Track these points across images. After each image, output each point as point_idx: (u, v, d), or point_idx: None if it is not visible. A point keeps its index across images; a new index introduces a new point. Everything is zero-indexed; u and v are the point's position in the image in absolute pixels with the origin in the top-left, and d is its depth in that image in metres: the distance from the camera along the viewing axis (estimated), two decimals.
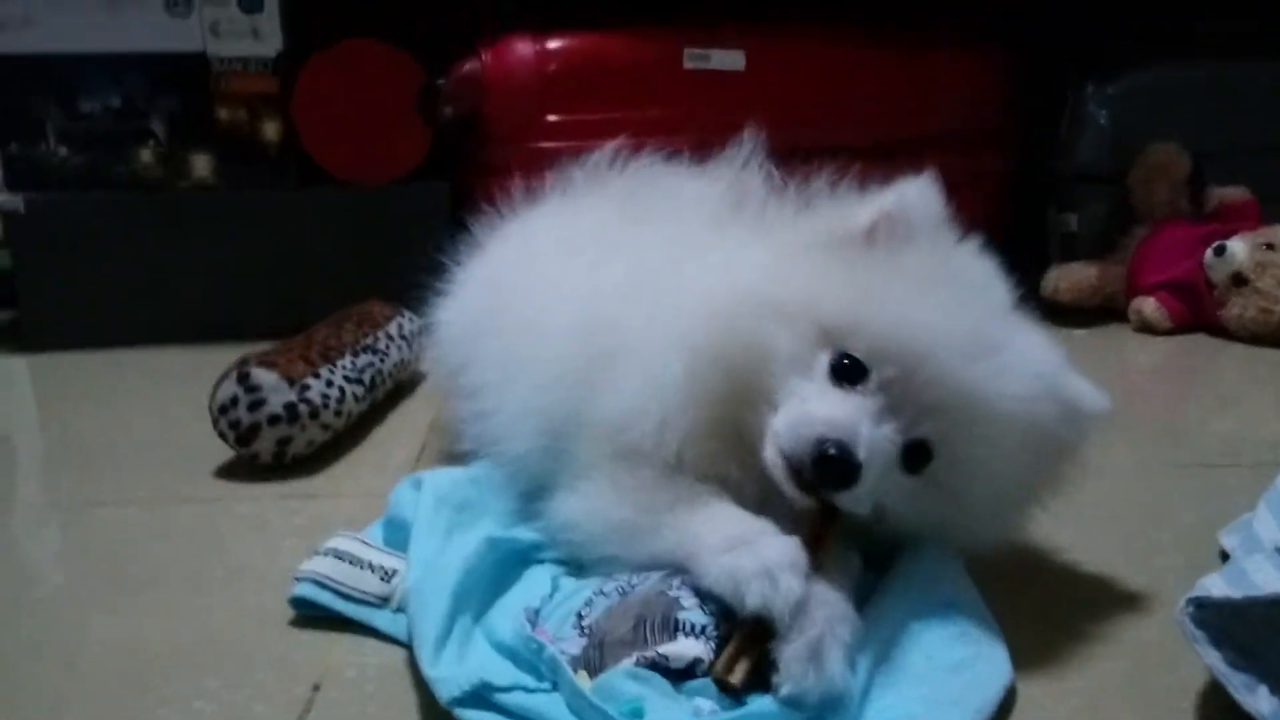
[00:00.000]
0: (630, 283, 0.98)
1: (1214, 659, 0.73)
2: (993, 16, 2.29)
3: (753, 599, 0.74)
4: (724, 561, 0.78)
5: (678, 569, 0.83)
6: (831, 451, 0.78)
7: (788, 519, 0.84)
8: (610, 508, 0.89)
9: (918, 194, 0.88)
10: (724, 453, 0.88)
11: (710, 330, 0.88)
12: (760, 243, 0.94)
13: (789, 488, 0.82)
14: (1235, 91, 2.21)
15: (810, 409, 0.82)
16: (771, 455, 0.83)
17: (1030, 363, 0.85)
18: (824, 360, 0.84)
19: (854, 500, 0.81)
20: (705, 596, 0.79)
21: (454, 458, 1.22)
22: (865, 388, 0.82)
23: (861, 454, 0.79)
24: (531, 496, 1.00)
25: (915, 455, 0.83)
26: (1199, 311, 2.02)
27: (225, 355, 1.38)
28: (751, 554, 0.77)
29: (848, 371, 0.83)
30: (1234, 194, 2.11)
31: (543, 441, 0.98)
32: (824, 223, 0.91)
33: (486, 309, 1.17)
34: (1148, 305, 2.04)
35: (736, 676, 0.74)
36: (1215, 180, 2.15)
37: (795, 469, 0.81)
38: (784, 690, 0.71)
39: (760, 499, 0.86)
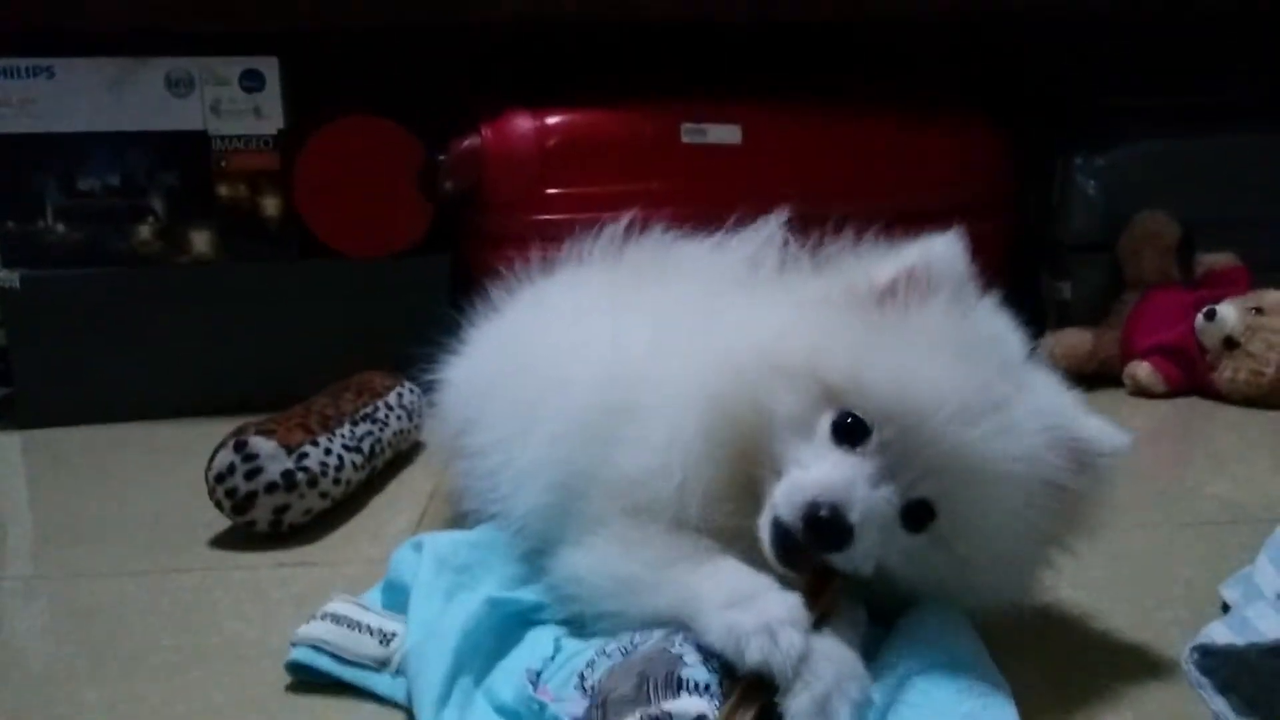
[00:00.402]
0: (651, 339, 0.98)
1: (1220, 705, 0.73)
2: (985, 89, 2.34)
3: (753, 655, 0.74)
4: (725, 618, 0.78)
5: (680, 626, 0.83)
6: (823, 514, 0.79)
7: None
8: (615, 562, 0.89)
9: (943, 250, 0.89)
10: (738, 510, 0.88)
11: (724, 388, 0.88)
12: (779, 300, 0.95)
13: (771, 557, 0.82)
14: (1222, 163, 2.26)
15: (806, 474, 0.82)
16: (763, 523, 0.83)
17: (1037, 416, 0.85)
18: (827, 420, 0.84)
19: (849, 561, 0.81)
20: (708, 653, 0.78)
21: (455, 523, 1.21)
22: (866, 448, 0.83)
23: (854, 516, 0.79)
24: (534, 557, 0.99)
25: (917, 514, 0.83)
26: (1192, 375, 2.04)
27: (224, 429, 1.37)
28: (752, 610, 0.77)
29: (849, 431, 0.83)
30: (1223, 260, 2.14)
31: (552, 497, 0.97)
32: (844, 278, 0.92)
33: (499, 367, 1.17)
34: (1142, 369, 2.05)
35: None
36: (1203, 249, 2.19)
37: (783, 536, 0.81)
38: None
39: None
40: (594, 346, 1.02)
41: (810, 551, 0.81)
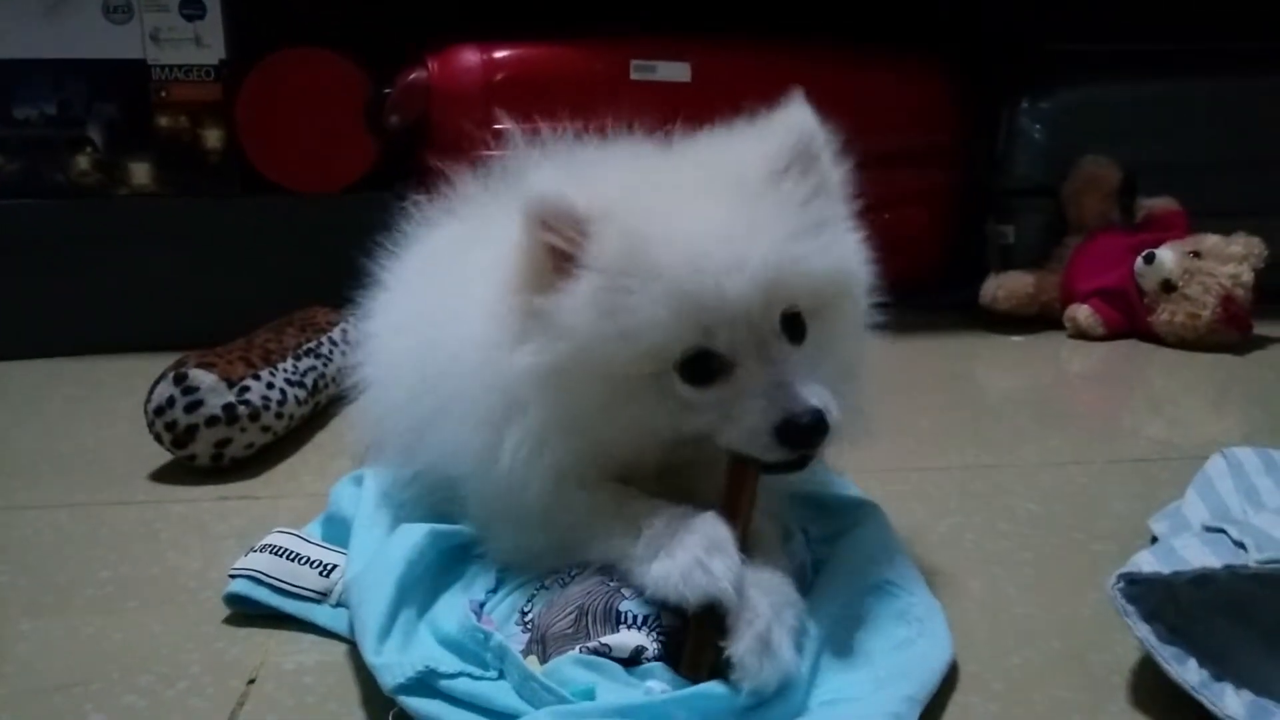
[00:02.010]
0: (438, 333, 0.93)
1: (1145, 632, 0.74)
2: (935, 34, 2.34)
3: (694, 594, 0.73)
4: (655, 571, 0.76)
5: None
6: (794, 432, 0.78)
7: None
8: (527, 536, 0.87)
9: (543, 186, 0.80)
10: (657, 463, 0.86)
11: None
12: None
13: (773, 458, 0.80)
14: (1165, 108, 2.29)
15: (744, 423, 0.79)
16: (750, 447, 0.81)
17: (741, 181, 0.82)
18: (674, 385, 0.80)
19: None
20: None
21: None
22: (724, 359, 0.79)
23: (814, 401, 0.78)
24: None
25: (794, 328, 0.82)
26: (1131, 318, 2.07)
27: (166, 364, 1.35)
28: (680, 550, 0.76)
29: (699, 369, 0.80)
30: (1162, 204, 2.17)
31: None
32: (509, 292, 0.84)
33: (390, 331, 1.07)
34: (1082, 312, 2.09)
35: (704, 670, 0.74)
36: (1145, 193, 2.22)
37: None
38: (745, 687, 0.71)
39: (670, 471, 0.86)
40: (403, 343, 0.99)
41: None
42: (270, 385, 1.37)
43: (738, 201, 0.81)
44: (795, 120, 0.86)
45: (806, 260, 0.81)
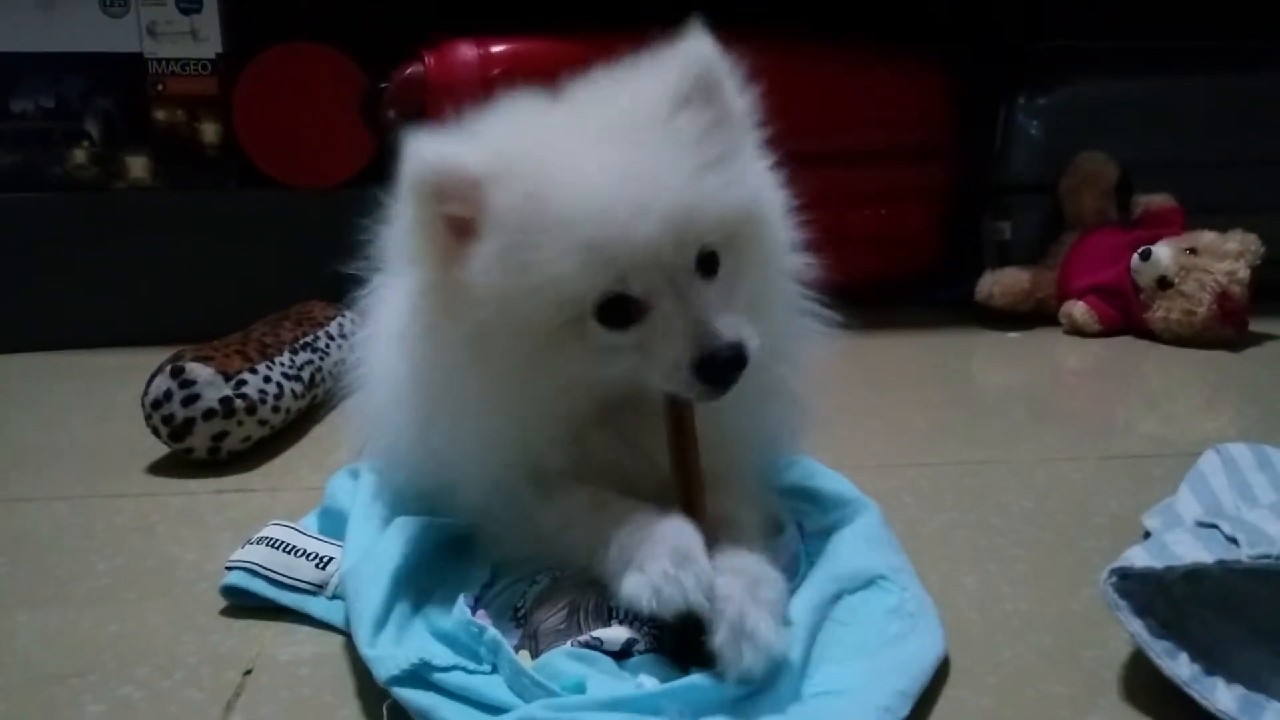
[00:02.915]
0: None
1: (1136, 627, 0.75)
2: (928, 30, 2.34)
3: (668, 609, 0.73)
4: (628, 587, 0.75)
5: None
6: (711, 365, 0.77)
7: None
8: (510, 547, 0.87)
9: (423, 165, 0.80)
10: (602, 433, 0.86)
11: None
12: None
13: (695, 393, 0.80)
14: (1162, 105, 2.29)
15: (663, 360, 0.79)
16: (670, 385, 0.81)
17: (638, 119, 0.80)
18: (593, 331, 0.80)
19: None
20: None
21: None
22: (639, 301, 0.79)
23: (730, 333, 0.78)
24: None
25: (708, 264, 0.81)
26: (1127, 314, 2.08)
27: (163, 357, 1.35)
28: (650, 562, 0.75)
29: (615, 313, 0.79)
30: (1159, 201, 2.18)
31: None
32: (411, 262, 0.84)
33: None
34: (1078, 309, 2.09)
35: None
36: (1141, 190, 2.22)
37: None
38: (729, 677, 0.71)
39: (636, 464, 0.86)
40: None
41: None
42: (267, 379, 1.37)
43: (637, 141, 0.79)
44: (693, 51, 0.84)
45: (713, 196, 0.79)
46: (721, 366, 0.78)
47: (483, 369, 0.81)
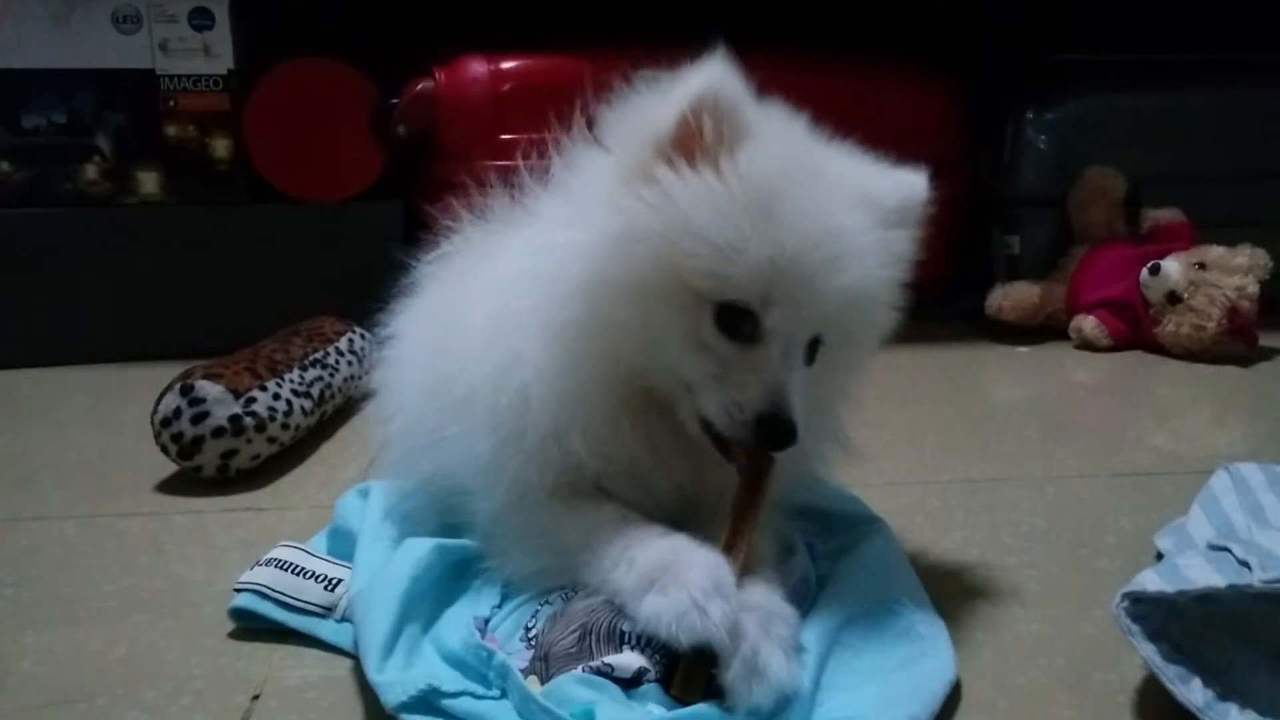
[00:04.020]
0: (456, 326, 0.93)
1: (1149, 651, 0.74)
2: (939, 45, 2.34)
3: (687, 636, 0.73)
4: (648, 605, 0.75)
5: None
6: (769, 427, 0.79)
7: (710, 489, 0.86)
8: (527, 559, 0.87)
9: (721, 74, 0.79)
10: (637, 428, 0.86)
11: (572, 318, 0.82)
12: (572, 206, 0.86)
13: (720, 457, 0.83)
14: (1171, 119, 2.28)
15: (732, 394, 0.80)
16: (697, 432, 0.83)
17: (868, 209, 0.84)
18: (707, 319, 0.81)
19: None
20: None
21: None
22: (759, 331, 0.81)
23: (794, 413, 0.80)
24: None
25: (812, 350, 0.84)
26: (1136, 329, 2.07)
27: (173, 373, 1.36)
28: (675, 588, 0.74)
29: (736, 320, 0.81)
30: (1168, 215, 2.17)
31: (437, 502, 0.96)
32: (625, 147, 0.83)
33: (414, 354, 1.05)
34: (1087, 323, 2.09)
35: (695, 696, 0.73)
36: (1150, 204, 2.22)
37: (722, 444, 0.82)
38: (739, 712, 0.71)
39: (677, 476, 0.87)
40: (417, 351, 0.99)
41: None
42: (276, 396, 1.37)
43: (862, 219, 0.83)
44: (917, 184, 0.90)
45: (870, 309, 0.85)
46: (778, 434, 0.80)
47: (596, 289, 0.81)
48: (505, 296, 0.87)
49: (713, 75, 0.79)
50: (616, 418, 0.85)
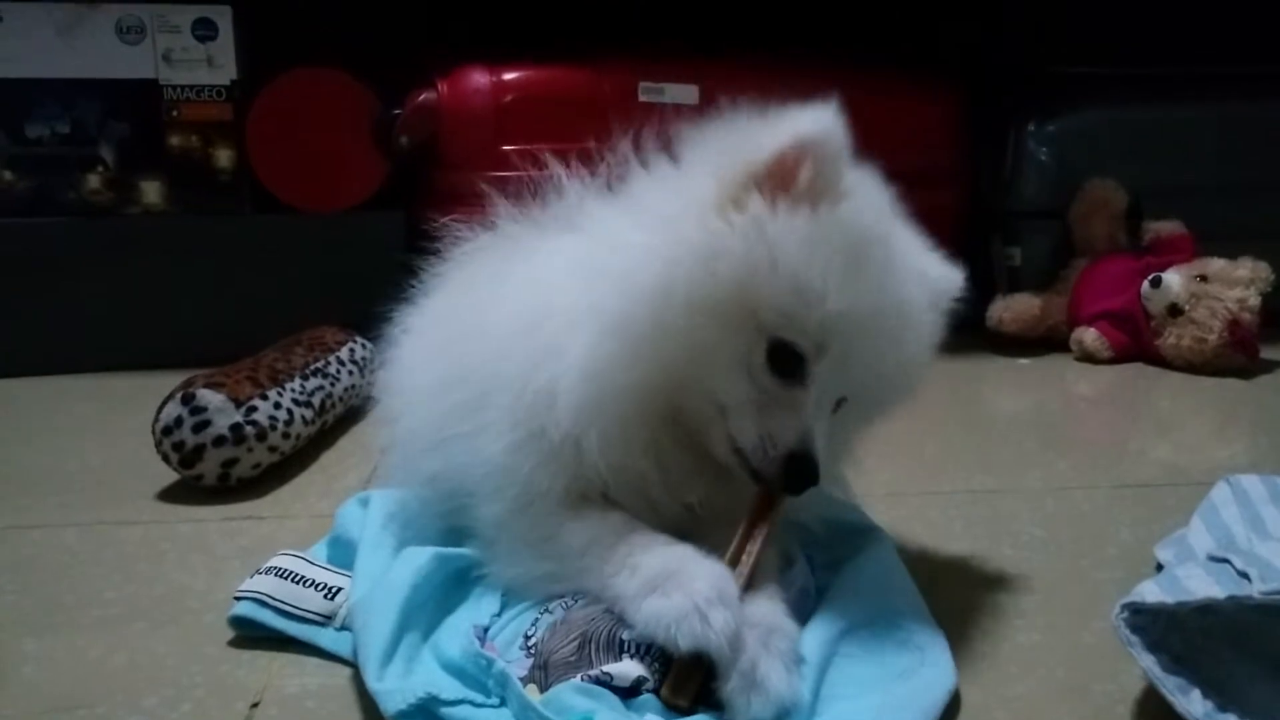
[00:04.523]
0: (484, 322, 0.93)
1: (1149, 662, 0.74)
2: (937, 55, 2.35)
3: (686, 641, 0.73)
4: (649, 607, 0.75)
5: None
6: (798, 465, 0.81)
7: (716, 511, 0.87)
8: (529, 564, 0.87)
9: (827, 123, 0.80)
10: (652, 444, 0.86)
11: (630, 319, 0.82)
12: (649, 210, 0.86)
13: (748, 478, 0.84)
14: (1172, 131, 2.29)
15: (768, 426, 0.82)
16: (728, 459, 0.84)
17: (922, 288, 0.88)
18: (760, 352, 0.82)
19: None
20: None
21: None
22: (805, 376, 0.82)
23: (820, 457, 0.82)
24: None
25: (838, 404, 0.87)
26: (1137, 341, 2.07)
27: (174, 382, 1.36)
28: (678, 592, 0.75)
29: (787, 361, 0.82)
30: (1169, 228, 2.17)
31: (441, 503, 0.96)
32: (713, 172, 0.83)
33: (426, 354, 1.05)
34: (1088, 335, 2.09)
35: (685, 699, 0.74)
36: (1152, 216, 2.22)
37: (753, 473, 0.83)
38: None
39: (666, 485, 0.87)
40: (435, 343, 1.00)
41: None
42: (278, 405, 1.37)
43: (919, 296, 0.87)
44: (956, 277, 0.93)
45: (904, 382, 0.90)
46: (802, 473, 0.82)
47: (662, 301, 0.81)
48: (549, 292, 0.88)
49: (823, 122, 0.80)
50: (633, 432, 0.85)
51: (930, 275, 0.89)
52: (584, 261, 0.88)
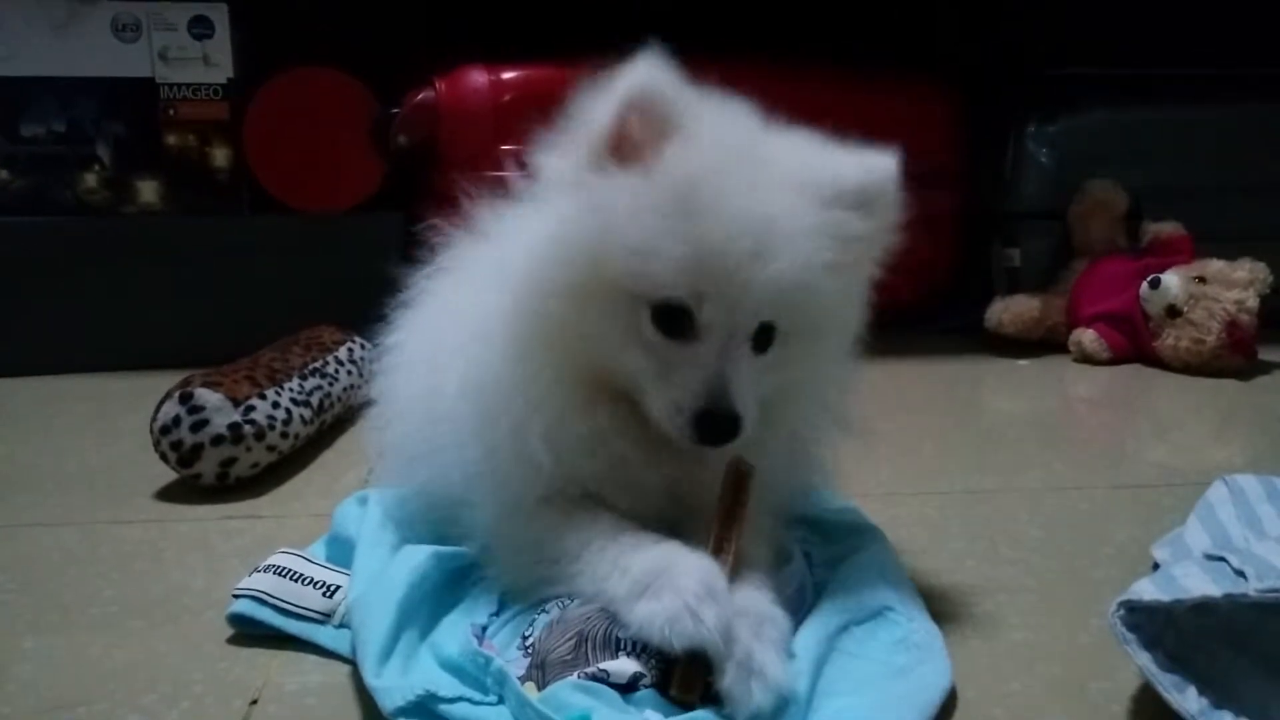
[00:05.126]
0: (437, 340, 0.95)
1: (1144, 660, 0.74)
2: (936, 57, 2.35)
3: (680, 641, 0.73)
4: (641, 610, 0.75)
5: None
6: (707, 422, 0.80)
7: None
8: (522, 569, 0.87)
9: (648, 74, 0.79)
10: (594, 427, 0.85)
11: (523, 312, 0.83)
12: (539, 204, 0.86)
13: (692, 451, 0.83)
14: (1172, 133, 2.30)
15: (674, 392, 0.81)
16: (668, 429, 0.83)
17: (815, 195, 0.82)
18: (645, 318, 0.81)
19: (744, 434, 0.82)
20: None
21: None
22: (696, 329, 0.81)
23: (738, 407, 0.81)
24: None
25: (761, 339, 0.83)
26: (1136, 342, 2.08)
27: (172, 381, 1.36)
28: (668, 593, 0.75)
29: (673, 319, 0.81)
30: (1168, 229, 2.18)
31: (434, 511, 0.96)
32: (569, 148, 0.83)
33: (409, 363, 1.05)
34: (1087, 337, 2.09)
35: (695, 695, 0.74)
36: (1151, 218, 2.23)
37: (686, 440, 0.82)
38: (741, 715, 0.71)
39: (645, 462, 0.86)
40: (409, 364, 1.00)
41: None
42: (276, 404, 1.37)
43: (798, 204, 0.81)
44: (880, 166, 0.86)
45: (816, 294, 0.82)
46: (716, 429, 0.81)
47: (545, 294, 0.82)
48: (478, 308, 0.89)
49: (640, 74, 0.79)
50: (595, 421, 0.85)
51: (821, 175, 0.83)
52: (491, 273, 0.89)
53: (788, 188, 0.81)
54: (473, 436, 0.87)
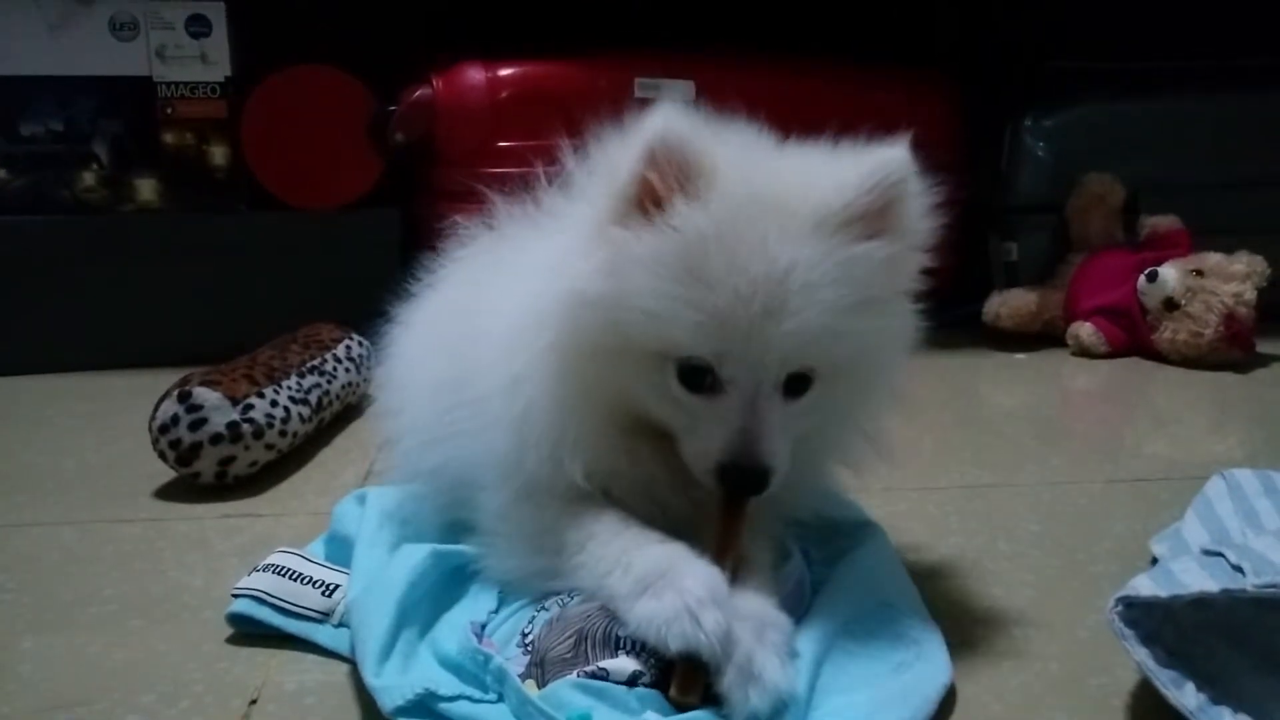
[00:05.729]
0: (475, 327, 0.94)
1: (1142, 655, 0.75)
2: (938, 51, 2.35)
3: (676, 642, 0.73)
4: (641, 609, 0.76)
5: None
6: (731, 475, 0.81)
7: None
8: (526, 558, 0.88)
9: (666, 123, 0.77)
10: (628, 445, 0.86)
11: (559, 337, 0.83)
12: (559, 236, 0.87)
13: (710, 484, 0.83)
14: (1169, 126, 2.30)
15: (700, 443, 0.82)
16: (695, 469, 0.84)
17: (837, 222, 0.79)
18: (672, 375, 0.81)
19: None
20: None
21: None
22: (719, 382, 0.80)
23: (766, 459, 0.80)
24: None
25: (796, 386, 0.82)
26: (1134, 336, 2.08)
27: (171, 380, 1.36)
28: (670, 593, 0.75)
29: (698, 376, 0.81)
30: (1165, 222, 2.18)
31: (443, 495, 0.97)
32: (594, 199, 0.82)
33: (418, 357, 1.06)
34: (1085, 330, 2.09)
35: (695, 697, 0.74)
36: (1148, 211, 2.23)
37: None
38: (737, 717, 0.71)
39: (672, 485, 0.87)
40: (433, 346, 1.00)
41: None
42: (274, 403, 1.37)
43: (815, 251, 0.78)
44: (892, 161, 0.84)
45: (844, 338, 0.80)
46: (741, 482, 0.81)
47: (573, 346, 0.82)
48: (519, 313, 0.88)
49: (660, 124, 0.77)
50: (629, 444, 0.86)
51: (837, 203, 0.79)
52: (534, 289, 0.87)
53: (803, 233, 0.79)
54: (504, 428, 0.87)
